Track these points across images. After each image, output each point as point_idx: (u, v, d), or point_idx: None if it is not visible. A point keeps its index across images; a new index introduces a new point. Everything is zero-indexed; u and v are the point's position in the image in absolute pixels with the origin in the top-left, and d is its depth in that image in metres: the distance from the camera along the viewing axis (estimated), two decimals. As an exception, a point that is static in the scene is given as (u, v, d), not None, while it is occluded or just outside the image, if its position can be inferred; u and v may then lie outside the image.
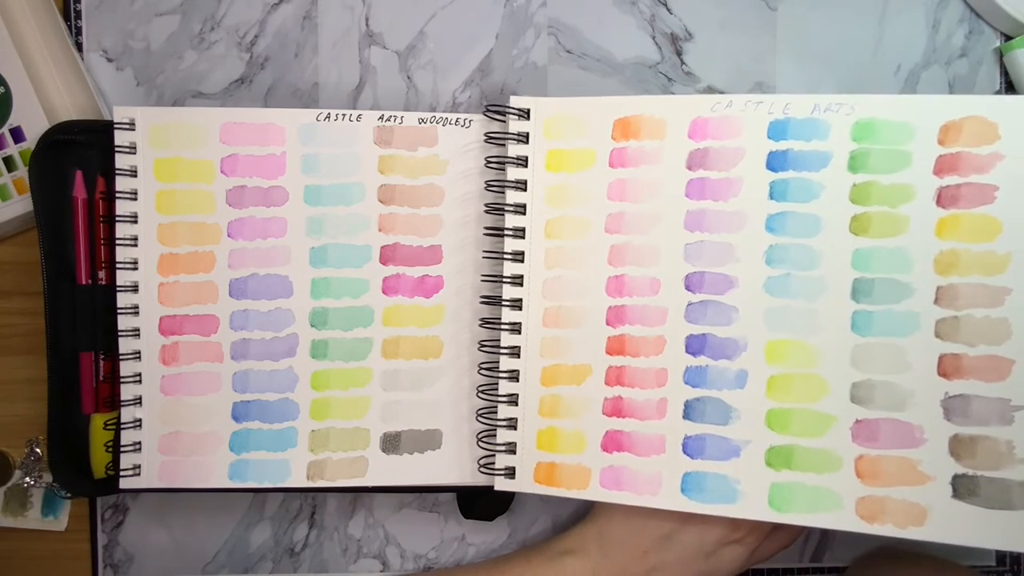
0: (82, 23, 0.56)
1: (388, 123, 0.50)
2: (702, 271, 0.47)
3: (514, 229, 0.49)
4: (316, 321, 0.51)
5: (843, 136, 0.45)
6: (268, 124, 0.50)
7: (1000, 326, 0.43)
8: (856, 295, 0.45)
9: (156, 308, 0.50)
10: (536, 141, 0.49)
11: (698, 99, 0.47)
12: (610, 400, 0.48)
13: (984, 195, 0.44)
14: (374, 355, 0.51)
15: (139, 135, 0.50)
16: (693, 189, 0.47)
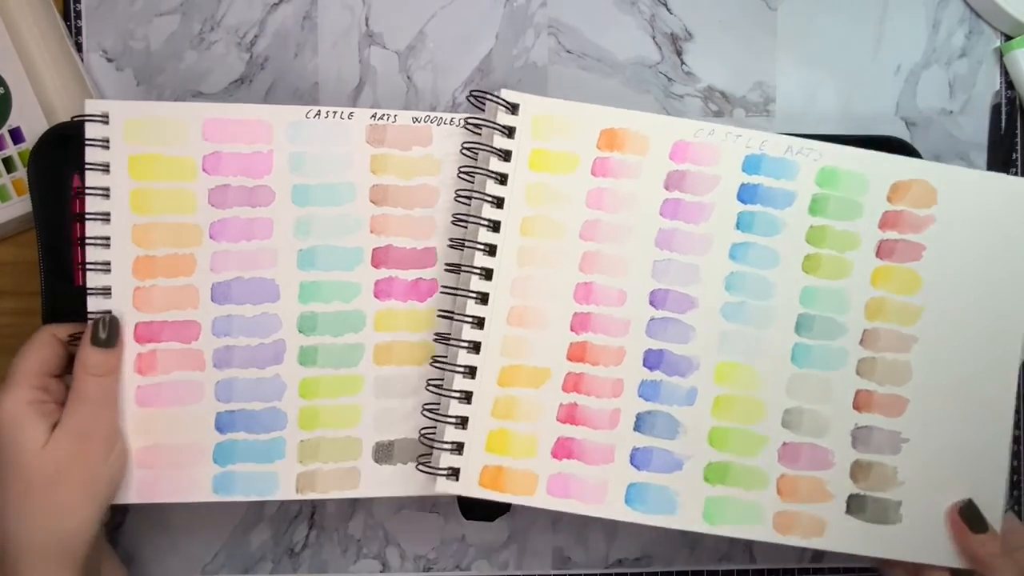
0: (82, 23, 0.55)
1: (381, 121, 0.48)
2: (667, 289, 0.47)
3: (489, 221, 0.47)
4: (304, 326, 0.48)
5: (809, 179, 0.47)
6: (254, 120, 0.47)
7: (904, 369, 0.48)
8: (799, 329, 0.47)
9: (131, 314, 0.47)
10: (522, 137, 0.47)
11: (683, 123, 0.47)
12: (566, 406, 0.47)
13: (914, 252, 0.47)
14: (366, 361, 0.48)
15: (113, 130, 0.46)
16: (668, 208, 0.47)
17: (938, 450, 0.47)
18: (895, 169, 0.48)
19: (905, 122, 0.56)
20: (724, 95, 0.56)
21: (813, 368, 0.48)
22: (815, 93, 0.56)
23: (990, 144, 0.56)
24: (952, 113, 0.56)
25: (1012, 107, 0.56)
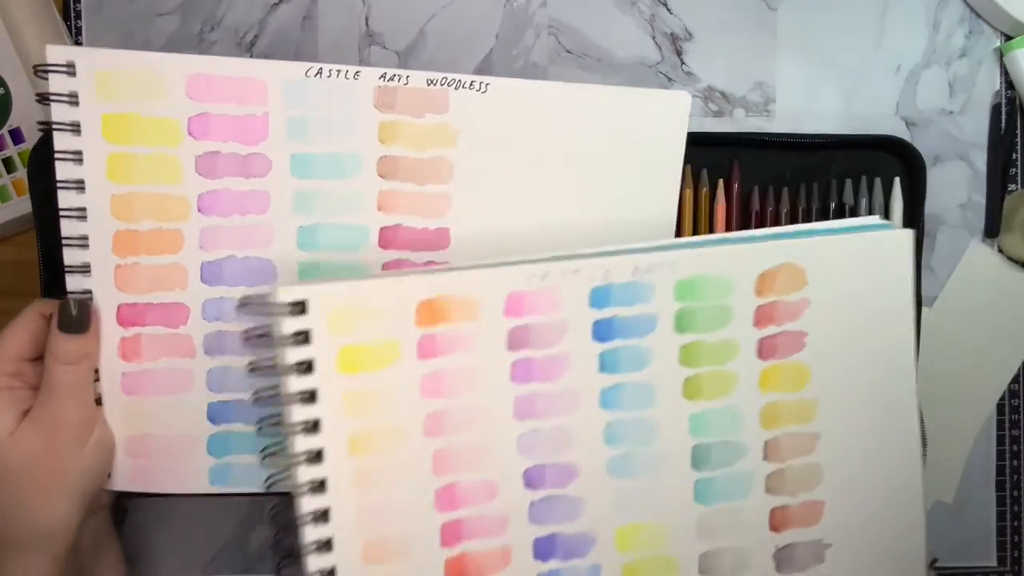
0: (82, 23, 0.54)
1: (391, 83, 0.43)
2: (541, 464, 0.41)
3: (308, 453, 0.39)
4: None
5: (667, 296, 0.42)
6: (247, 78, 0.42)
7: (813, 471, 0.44)
8: (696, 463, 0.43)
9: (112, 294, 0.42)
10: (320, 339, 0.38)
11: (510, 272, 0.40)
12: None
13: (797, 343, 0.43)
14: None
15: (81, 82, 0.40)
16: (519, 371, 0.41)
17: (861, 541, 0.44)
18: (757, 260, 0.42)
19: (905, 122, 0.56)
20: (724, 95, 0.56)
21: (720, 501, 0.43)
22: (815, 93, 0.56)
23: (990, 144, 0.56)
24: (952, 113, 0.56)
25: (1012, 107, 0.56)
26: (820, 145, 0.53)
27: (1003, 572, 0.56)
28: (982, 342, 0.56)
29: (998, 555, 0.56)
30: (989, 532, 0.56)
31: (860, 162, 0.53)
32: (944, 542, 0.56)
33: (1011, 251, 0.56)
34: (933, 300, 0.56)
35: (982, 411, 0.56)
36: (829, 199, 0.53)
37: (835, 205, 0.53)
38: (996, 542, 0.56)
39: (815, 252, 0.43)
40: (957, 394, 0.56)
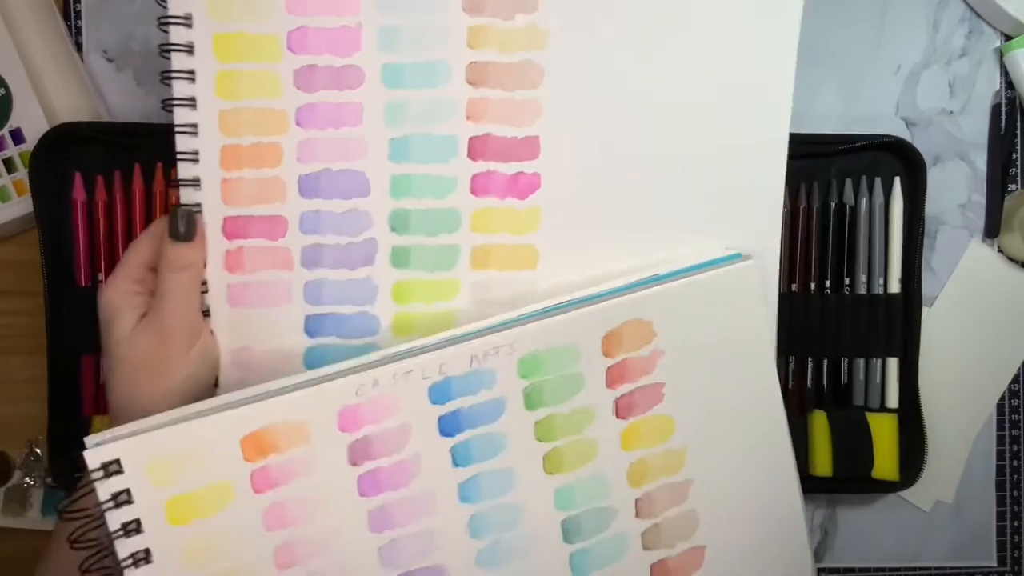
0: (82, 23, 0.54)
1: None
2: (407, 571, 0.40)
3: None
4: (397, 225, 0.43)
5: (511, 377, 0.40)
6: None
7: (689, 519, 0.43)
8: (568, 536, 0.42)
9: (220, 207, 0.42)
10: (143, 496, 0.36)
11: (334, 387, 0.39)
12: None
13: (655, 395, 0.42)
14: (462, 265, 0.43)
15: (196, 5, 0.41)
16: (366, 485, 0.39)
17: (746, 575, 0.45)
18: (598, 321, 0.41)
19: (905, 122, 0.56)
20: (724, 95, 0.56)
21: (598, 569, 0.42)
22: (815, 93, 0.56)
23: (990, 144, 0.56)
24: (952, 113, 0.56)
25: (1012, 107, 0.56)
26: (820, 145, 0.53)
27: (1003, 572, 0.56)
28: (982, 342, 0.56)
29: (998, 555, 0.56)
30: (989, 532, 0.56)
31: (860, 162, 0.53)
32: (944, 542, 0.56)
33: (1011, 251, 0.56)
34: (933, 300, 0.56)
35: (982, 411, 0.56)
36: (829, 199, 0.53)
37: (835, 205, 0.53)
38: (996, 542, 0.56)
39: (657, 303, 0.42)
40: (957, 394, 0.56)
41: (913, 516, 0.56)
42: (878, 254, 0.53)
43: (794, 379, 0.53)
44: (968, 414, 0.56)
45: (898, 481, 0.53)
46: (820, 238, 0.53)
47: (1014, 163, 0.56)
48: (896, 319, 0.53)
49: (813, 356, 0.53)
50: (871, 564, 0.56)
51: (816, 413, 0.53)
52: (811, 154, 0.53)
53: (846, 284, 0.53)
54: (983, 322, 0.56)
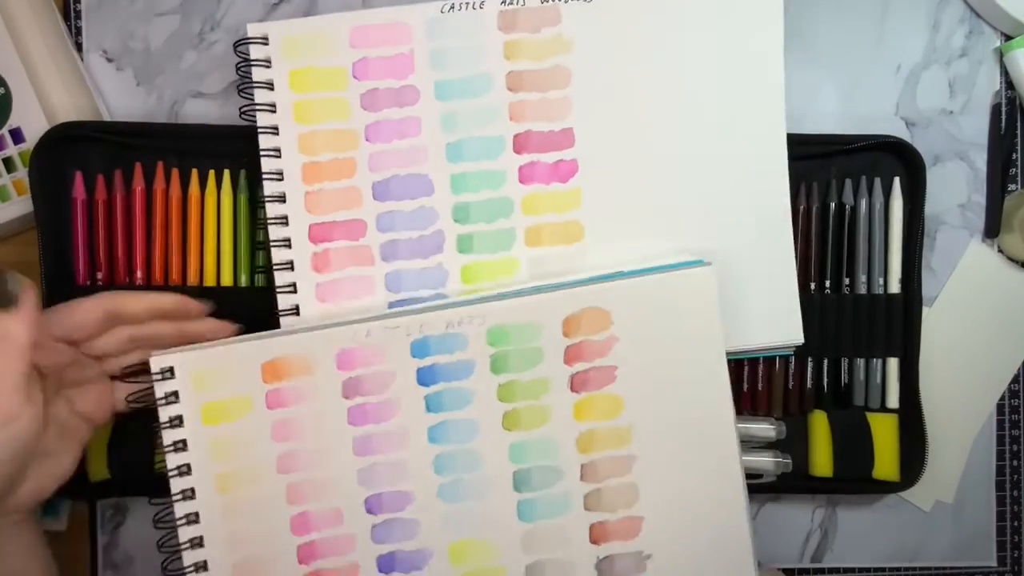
0: (82, 23, 0.54)
1: (511, 7, 0.49)
2: (379, 492, 0.47)
3: (183, 492, 0.46)
4: (459, 216, 0.49)
5: (480, 343, 0.47)
6: (395, 23, 0.49)
7: (630, 490, 0.47)
8: (518, 486, 0.47)
9: (304, 217, 0.49)
10: (187, 398, 0.46)
11: (336, 332, 0.46)
12: None
13: (607, 376, 0.47)
14: (518, 244, 0.50)
15: (273, 49, 0.49)
16: (355, 416, 0.47)
17: (683, 553, 0.47)
18: (560, 305, 0.47)
19: (905, 122, 0.56)
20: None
21: (542, 519, 0.47)
22: (815, 93, 0.56)
23: (990, 144, 0.56)
24: (952, 113, 0.56)
25: (1012, 107, 0.56)
26: (820, 145, 0.53)
27: (1003, 572, 0.56)
28: (982, 342, 0.56)
29: (998, 555, 0.56)
30: (989, 532, 0.56)
31: (860, 162, 0.53)
32: (944, 542, 0.56)
33: (1011, 251, 0.56)
34: (933, 300, 0.56)
35: (982, 411, 0.56)
36: (829, 199, 0.53)
37: (835, 205, 0.53)
38: (996, 542, 0.56)
39: (616, 294, 0.47)
40: (957, 394, 0.56)
41: (913, 516, 0.56)
42: (878, 254, 0.53)
43: (794, 379, 0.53)
44: (968, 414, 0.56)
45: (898, 481, 0.53)
46: (820, 238, 0.53)
47: (1014, 163, 0.56)
48: (896, 319, 0.53)
49: (813, 356, 0.53)
50: (871, 564, 0.56)
51: (816, 413, 0.53)
52: (811, 154, 0.53)
53: (846, 284, 0.53)
54: (983, 322, 0.56)
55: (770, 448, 0.52)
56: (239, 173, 0.52)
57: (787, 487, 0.53)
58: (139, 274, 0.51)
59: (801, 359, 0.53)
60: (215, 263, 0.52)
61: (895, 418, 0.53)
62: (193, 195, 0.52)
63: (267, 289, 0.50)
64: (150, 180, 0.51)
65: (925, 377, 0.53)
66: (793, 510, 0.56)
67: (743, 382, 0.53)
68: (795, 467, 0.52)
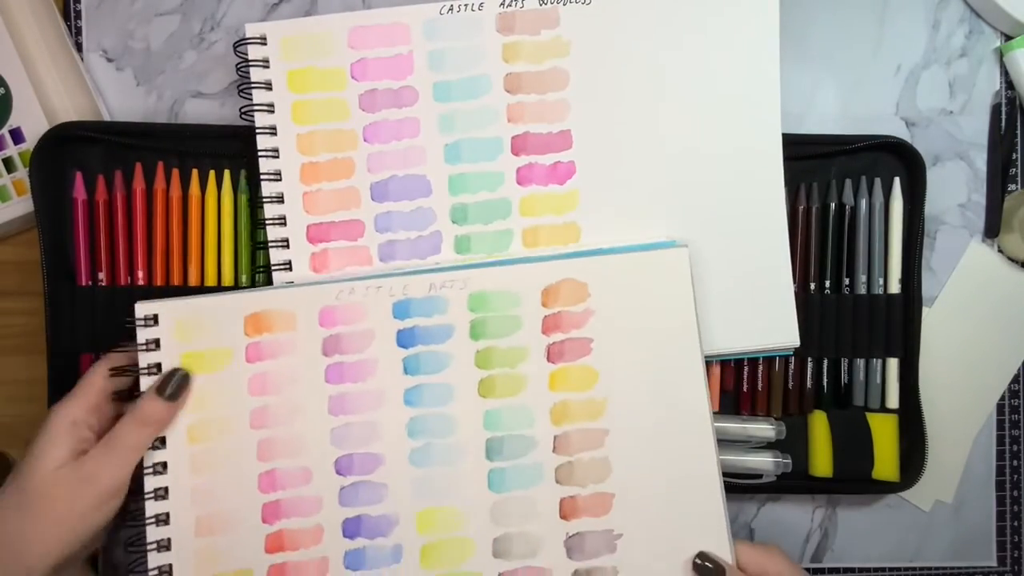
0: (82, 23, 0.54)
1: (510, 9, 0.49)
2: (350, 453, 0.46)
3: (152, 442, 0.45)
4: (457, 217, 0.49)
5: (461, 308, 0.47)
6: (393, 24, 0.49)
7: (602, 465, 0.47)
8: (490, 454, 0.47)
9: (302, 217, 0.49)
10: (168, 346, 0.46)
11: (321, 289, 0.47)
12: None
13: (583, 348, 0.47)
14: (516, 245, 0.50)
15: (271, 49, 0.49)
16: (332, 374, 0.47)
17: (652, 535, 0.46)
18: (540, 276, 0.47)
19: (905, 122, 0.56)
20: (724, 95, 0.56)
21: (512, 490, 0.47)
22: (815, 93, 0.56)
23: (990, 144, 0.56)
24: (952, 113, 0.56)
25: (1012, 107, 0.56)
26: (820, 145, 0.53)
27: (1003, 572, 0.56)
28: (982, 342, 0.56)
29: (998, 555, 0.56)
30: (989, 532, 0.56)
31: (860, 162, 0.53)
32: (944, 542, 0.56)
33: (1011, 251, 0.56)
34: (933, 300, 0.56)
35: (982, 411, 0.56)
36: (829, 199, 0.53)
37: (835, 205, 0.53)
38: (996, 542, 0.56)
39: (594, 268, 0.47)
40: (957, 394, 0.56)
41: (913, 516, 0.56)
42: (878, 254, 0.53)
43: (794, 379, 0.53)
44: (968, 414, 0.56)
45: (898, 481, 0.52)
46: (820, 238, 0.53)
47: (1014, 163, 0.56)
48: (896, 319, 0.53)
49: (813, 356, 0.53)
50: (871, 564, 0.56)
51: (816, 413, 0.53)
52: (811, 155, 0.53)
53: (846, 284, 0.53)
54: (983, 322, 0.56)
55: (770, 448, 0.52)
56: (239, 173, 0.52)
57: (787, 487, 0.53)
58: (140, 274, 0.51)
59: (801, 359, 0.53)
60: (215, 263, 0.52)
61: (895, 418, 0.53)
62: (193, 195, 0.52)
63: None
64: (150, 180, 0.51)
65: (925, 377, 0.53)
66: (793, 510, 0.56)
67: (743, 382, 0.53)
68: (795, 467, 0.52)
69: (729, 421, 0.52)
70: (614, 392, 0.47)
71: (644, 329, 0.47)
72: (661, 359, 0.47)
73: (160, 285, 0.51)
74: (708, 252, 0.49)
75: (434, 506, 0.47)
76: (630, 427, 0.47)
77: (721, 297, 0.50)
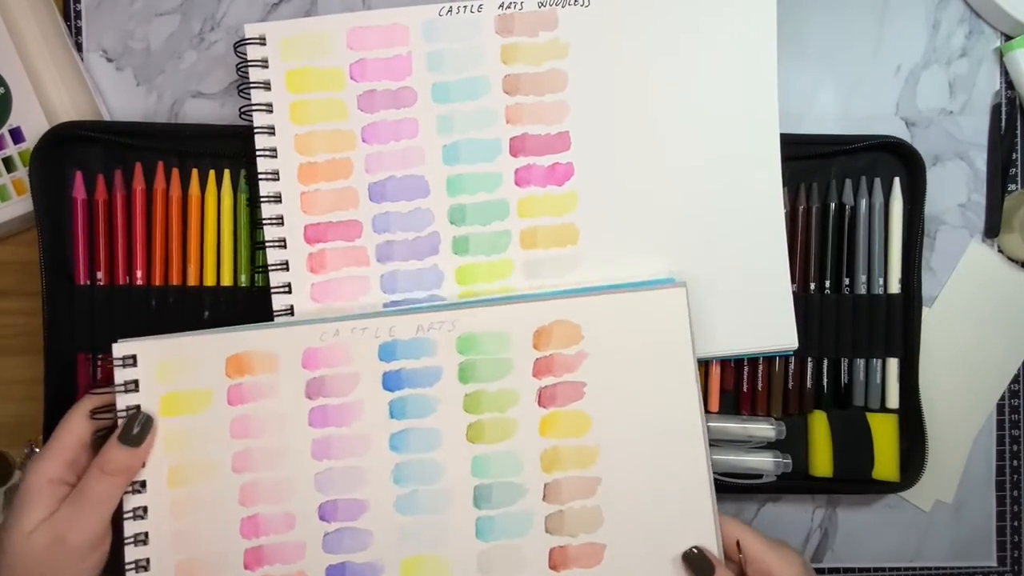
0: (82, 23, 0.54)
1: (509, 11, 0.49)
2: (335, 499, 0.46)
3: (133, 485, 0.45)
4: (455, 218, 0.49)
5: (449, 350, 0.46)
6: (392, 25, 0.49)
7: (594, 514, 0.46)
8: (477, 502, 0.46)
9: (300, 217, 0.49)
10: (147, 387, 0.45)
11: (304, 330, 0.46)
12: None
13: (576, 392, 0.46)
14: (513, 247, 0.49)
15: (270, 49, 0.48)
16: (316, 417, 0.46)
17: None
18: (532, 317, 0.46)
19: (905, 122, 0.56)
20: (724, 95, 0.56)
21: (500, 539, 0.46)
22: (815, 93, 0.56)
23: (990, 144, 0.56)
24: (952, 113, 0.56)
25: (1012, 107, 0.56)
26: (820, 145, 0.53)
27: (1003, 572, 0.56)
28: (982, 342, 0.56)
29: (998, 555, 0.56)
30: (989, 532, 0.56)
31: (860, 162, 0.53)
32: (944, 542, 0.56)
33: (1011, 251, 0.56)
34: (933, 300, 0.56)
35: (982, 411, 0.56)
36: (829, 199, 0.53)
37: (835, 205, 0.53)
38: (996, 542, 0.56)
39: (588, 309, 0.46)
40: (957, 394, 0.56)
41: (913, 516, 0.56)
42: (878, 254, 0.53)
43: (794, 379, 0.53)
44: (968, 414, 0.56)
45: (898, 481, 0.52)
46: (820, 238, 0.53)
47: (1014, 163, 0.56)
48: (896, 319, 0.53)
49: (813, 356, 0.53)
50: (871, 564, 0.56)
51: (816, 414, 0.53)
52: (811, 155, 0.53)
53: (846, 284, 0.53)
54: (983, 322, 0.56)
55: (770, 448, 0.52)
56: (239, 173, 0.52)
57: (787, 487, 0.53)
58: (139, 274, 0.51)
59: (801, 359, 0.53)
60: (215, 263, 0.52)
61: (895, 418, 0.53)
62: (193, 195, 0.52)
63: (267, 289, 0.50)
64: (150, 180, 0.51)
65: (925, 377, 0.53)
66: (793, 510, 0.56)
67: (743, 382, 0.53)
68: (795, 467, 0.52)
69: (729, 421, 0.52)
70: (607, 439, 0.46)
71: (640, 372, 0.46)
72: (657, 404, 0.46)
73: (159, 285, 0.51)
74: (706, 255, 0.49)
75: (420, 554, 0.46)
76: (623, 475, 0.46)
77: (720, 299, 0.49)
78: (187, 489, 0.45)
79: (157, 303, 0.51)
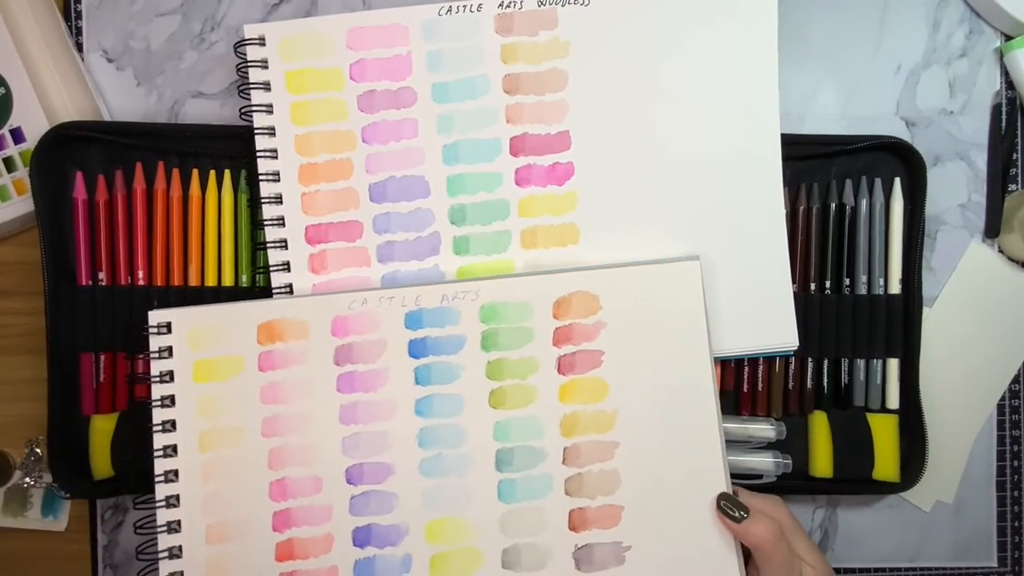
0: (82, 23, 0.54)
1: (508, 10, 0.49)
2: (361, 462, 0.47)
3: (165, 448, 0.47)
4: (455, 218, 0.50)
5: (473, 319, 0.47)
6: (392, 25, 0.49)
7: (612, 477, 0.47)
8: (499, 465, 0.47)
9: (301, 218, 0.49)
10: (180, 353, 0.47)
11: (334, 298, 0.47)
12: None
13: (594, 360, 0.47)
14: (514, 246, 0.50)
15: (269, 50, 0.49)
16: (343, 383, 0.47)
17: (661, 548, 0.47)
18: (552, 288, 0.48)
19: (905, 122, 0.56)
20: (724, 95, 0.56)
21: (521, 501, 0.47)
22: (815, 93, 0.56)
23: (990, 144, 0.56)
24: (952, 113, 0.56)
25: (1012, 107, 0.56)
26: (820, 145, 0.53)
27: (1003, 572, 0.56)
28: (982, 342, 0.56)
29: (998, 555, 0.56)
30: (989, 532, 0.56)
31: (860, 162, 0.53)
32: (944, 542, 0.56)
33: (1011, 251, 0.56)
34: (933, 300, 0.56)
35: (982, 411, 0.56)
36: (829, 199, 0.53)
37: (835, 205, 0.53)
38: (996, 542, 0.57)
39: (606, 281, 0.48)
40: (957, 394, 0.56)
41: (913, 516, 0.56)
42: (878, 254, 0.53)
43: (794, 379, 0.53)
44: (968, 414, 0.56)
45: (898, 482, 0.52)
46: (820, 239, 0.53)
47: (1014, 163, 0.56)
48: (896, 319, 0.53)
49: (813, 356, 0.53)
50: (871, 564, 0.56)
51: (816, 414, 0.53)
52: (811, 155, 0.53)
53: (846, 285, 0.53)
54: (983, 322, 0.56)
55: (770, 448, 0.52)
56: (239, 173, 0.52)
57: (787, 487, 0.53)
58: (140, 274, 0.51)
59: (801, 359, 0.53)
60: (216, 263, 0.52)
61: (895, 418, 0.53)
62: (194, 195, 0.52)
63: (268, 289, 0.50)
64: (151, 180, 0.51)
65: (925, 377, 0.53)
66: (793, 510, 0.56)
67: (743, 382, 0.53)
68: (795, 467, 0.52)
69: (729, 421, 0.52)
70: (624, 405, 0.47)
71: (655, 342, 0.47)
72: (672, 372, 0.47)
73: (160, 285, 0.51)
74: (706, 254, 0.49)
75: (444, 516, 0.47)
76: (640, 439, 0.47)
77: (720, 299, 0.49)
78: (218, 453, 0.47)
79: (159, 303, 0.51)
